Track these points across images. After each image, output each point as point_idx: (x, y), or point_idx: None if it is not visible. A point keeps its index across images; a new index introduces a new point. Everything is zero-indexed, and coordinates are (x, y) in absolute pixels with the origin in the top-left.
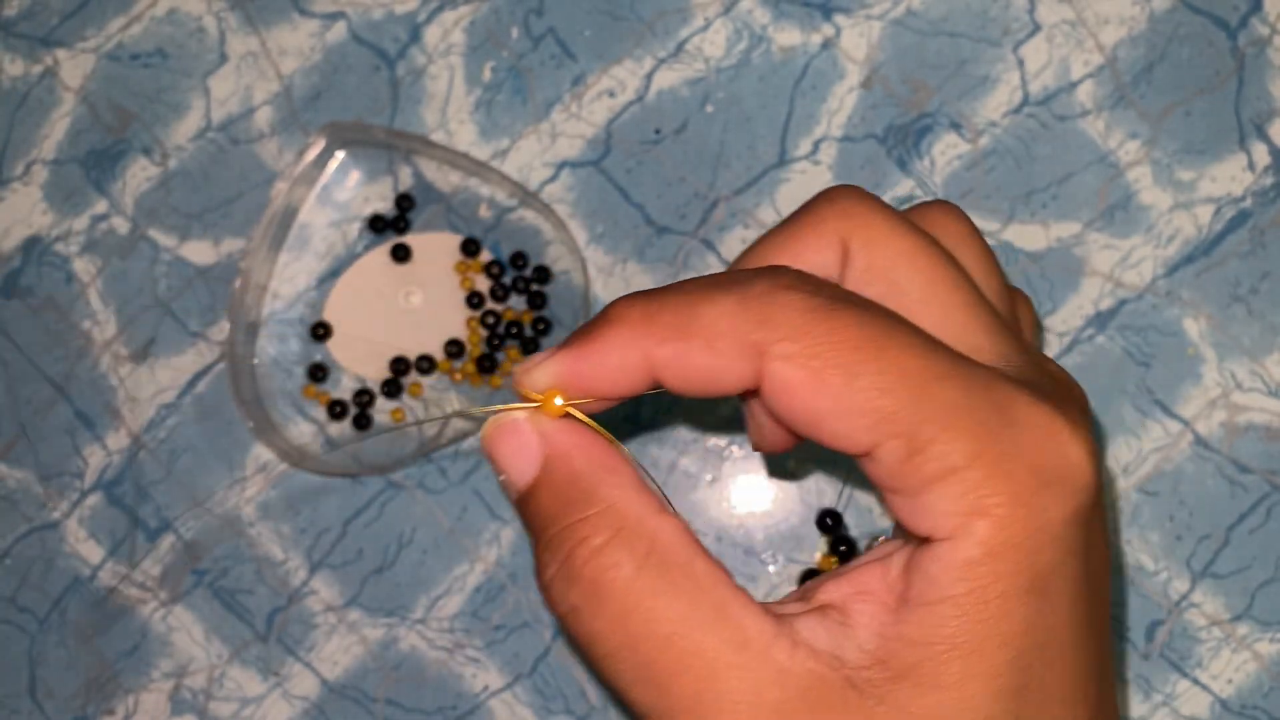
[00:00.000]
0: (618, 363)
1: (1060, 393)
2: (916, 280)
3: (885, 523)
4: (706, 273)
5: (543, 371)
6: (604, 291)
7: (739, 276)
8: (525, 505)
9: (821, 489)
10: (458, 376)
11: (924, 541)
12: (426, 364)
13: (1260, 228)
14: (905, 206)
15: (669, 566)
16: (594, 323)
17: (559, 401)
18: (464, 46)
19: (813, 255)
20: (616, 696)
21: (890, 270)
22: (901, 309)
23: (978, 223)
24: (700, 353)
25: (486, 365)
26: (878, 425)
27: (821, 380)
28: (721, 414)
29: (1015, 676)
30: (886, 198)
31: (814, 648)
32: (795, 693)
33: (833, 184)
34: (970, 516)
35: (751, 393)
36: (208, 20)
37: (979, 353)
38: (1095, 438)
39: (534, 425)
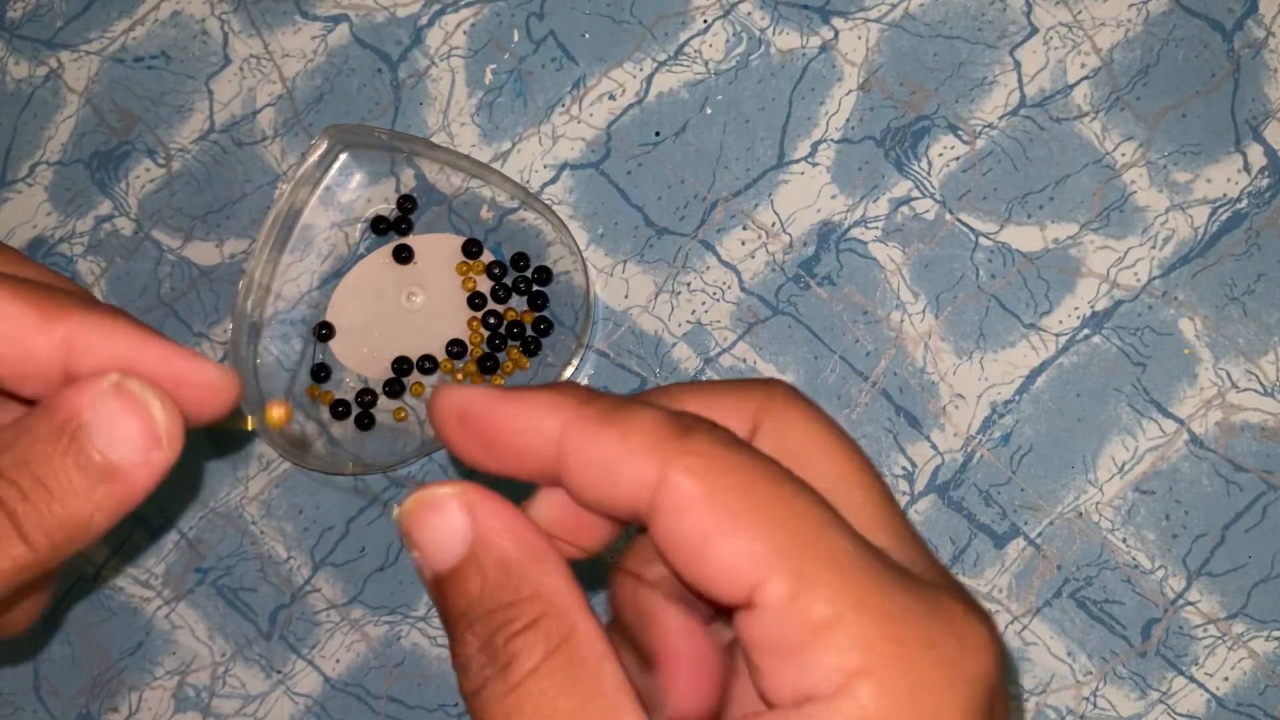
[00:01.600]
0: (529, 422)
1: (965, 597)
2: (826, 470)
3: None
4: (706, 272)
5: (471, 392)
6: (604, 292)
7: (681, 406)
8: (445, 586)
9: None
10: (459, 377)
11: (800, 703)
12: (428, 364)
13: (1255, 229)
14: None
15: (575, 662)
16: (536, 386)
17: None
18: (465, 49)
19: (725, 418)
20: None
21: (801, 454)
22: None
23: (975, 224)
24: (612, 440)
25: (488, 365)
26: (767, 558)
27: (720, 499)
28: None
29: None
30: (884, 199)
31: None
32: None
33: (830, 186)
34: (855, 675)
35: (631, 524)
36: (211, 23)
37: (885, 551)
38: (1087, 446)
39: (462, 504)
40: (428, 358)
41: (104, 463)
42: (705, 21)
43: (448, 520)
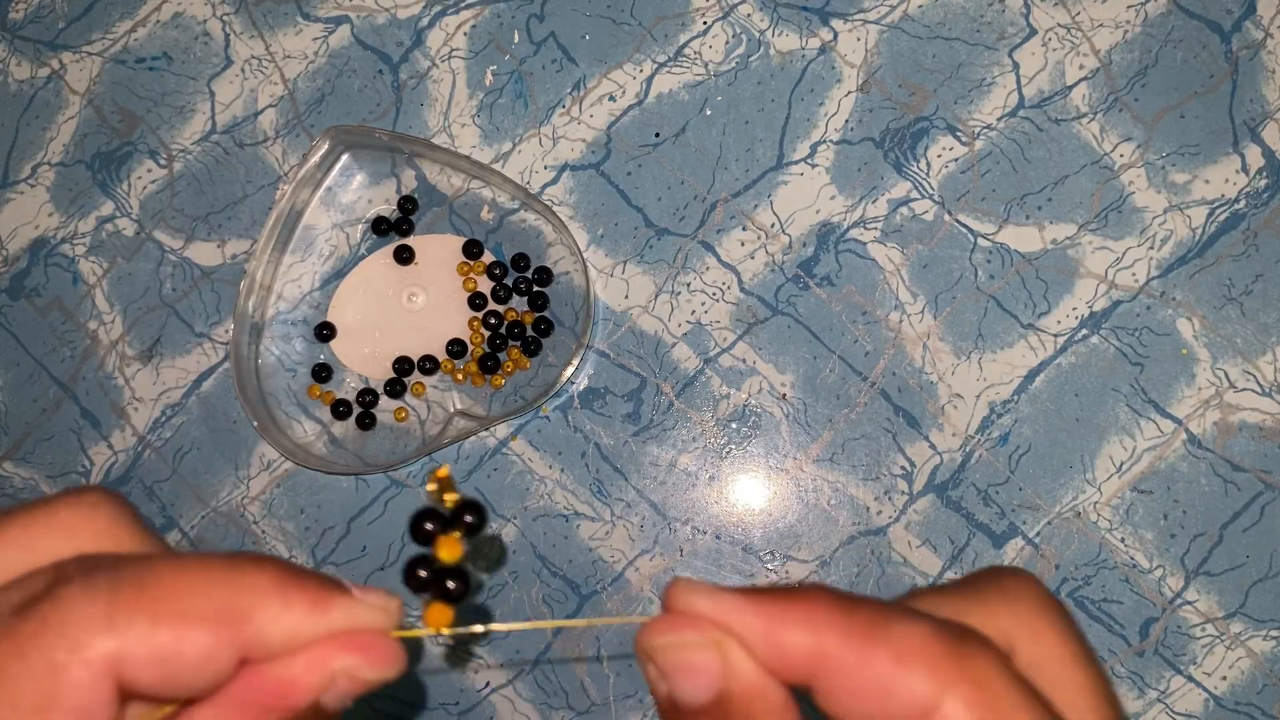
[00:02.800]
0: (794, 633)
1: None
2: (1072, 695)
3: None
4: (705, 272)
5: (720, 597)
6: (605, 293)
7: (938, 614)
8: (688, 716)
9: (819, 488)
10: (460, 377)
11: None
12: (429, 364)
13: (1253, 229)
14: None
15: None
16: (785, 591)
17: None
18: (466, 50)
19: (982, 626)
20: None
21: (1051, 673)
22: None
23: (974, 224)
24: (885, 662)
25: (488, 365)
26: None
27: None
28: (720, 414)
29: None
30: (883, 200)
31: None
32: None
33: (829, 187)
34: None
35: None
36: (212, 24)
37: None
38: (1085, 446)
39: (720, 653)
40: (428, 358)
41: None
42: (705, 23)
43: (699, 666)
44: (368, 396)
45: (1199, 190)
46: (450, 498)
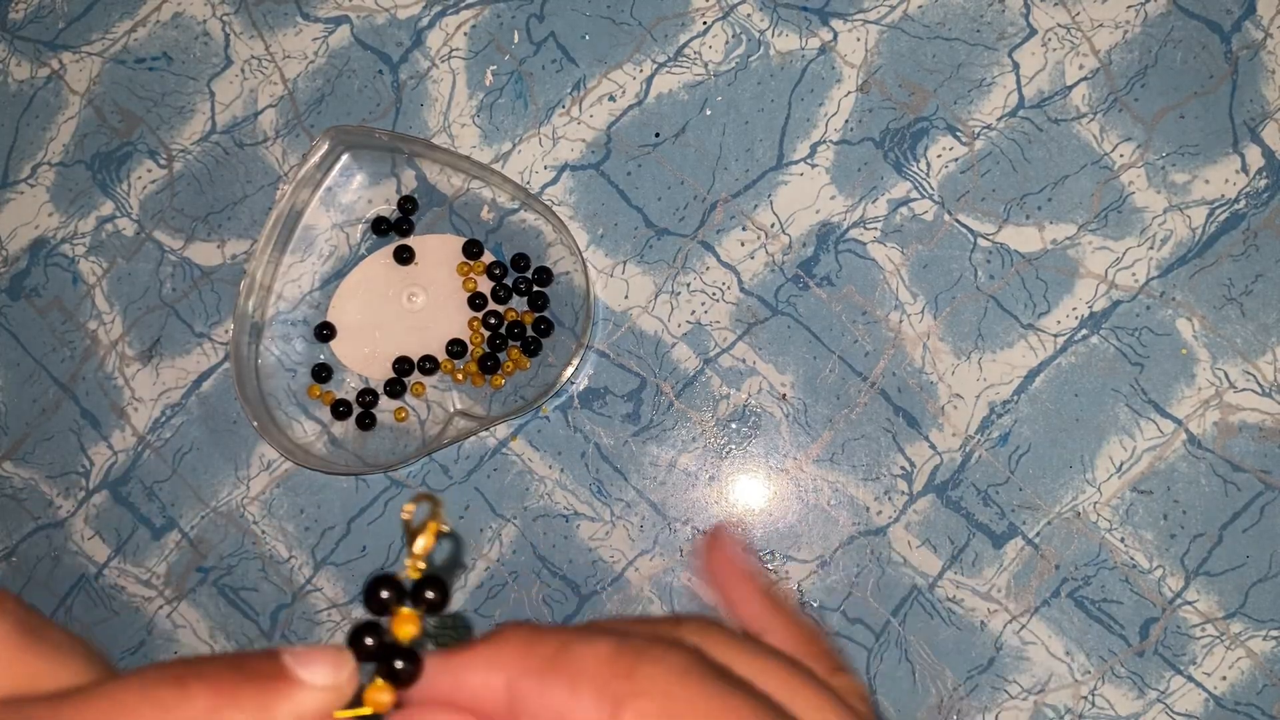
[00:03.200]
0: (481, 683)
1: None
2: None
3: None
4: (705, 272)
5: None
6: (604, 293)
7: (625, 629)
8: None
9: (819, 488)
10: (460, 377)
11: None
12: (429, 364)
13: (1253, 230)
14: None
15: None
16: (482, 638)
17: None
18: (466, 51)
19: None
20: None
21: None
22: None
23: (974, 225)
24: (560, 690)
25: (488, 365)
26: None
27: None
28: (720, 414)
29: None
30: (883, 200)
31: None
32: None
33: (829, 187)
34: None
35: None
36: (212, 24)
37: None
38: (1085, 446)
39: None
40: (428, 358)
41: None
42: (705, 23)
43: None
44: (368, 396)
45: (1199, 190)
46: (426, 539)
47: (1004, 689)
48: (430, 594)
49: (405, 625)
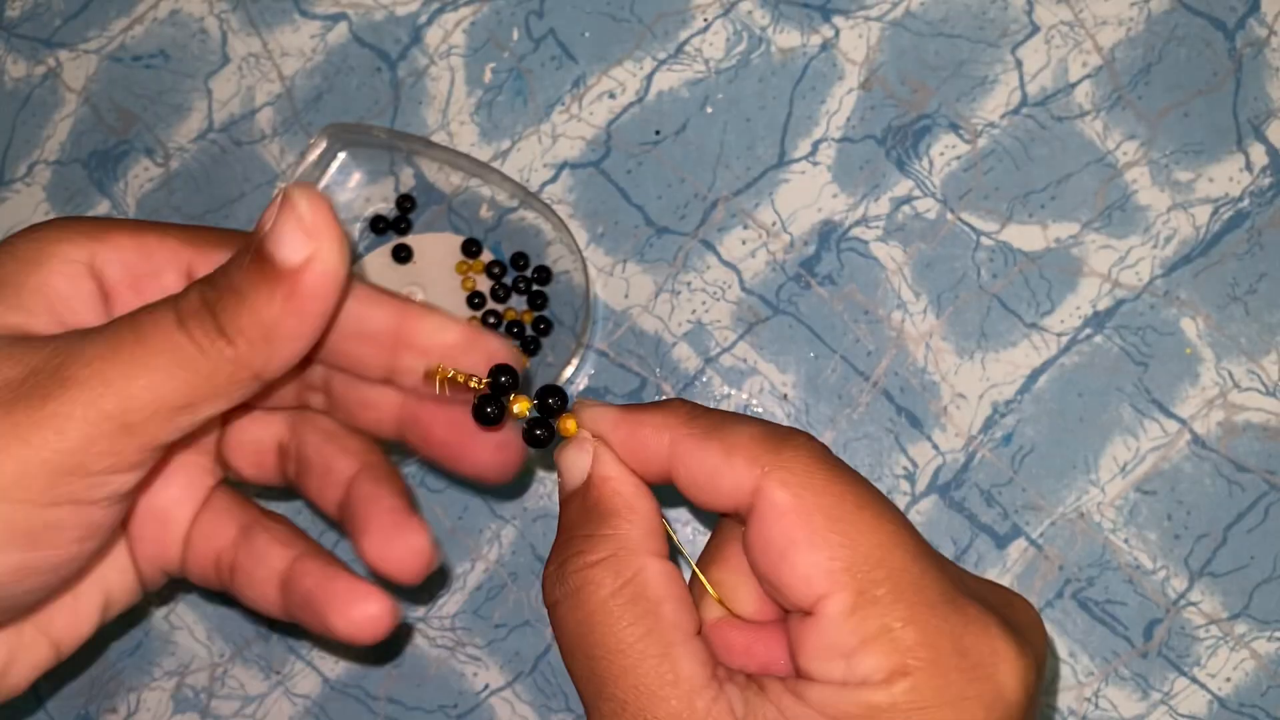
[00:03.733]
0: (651, 435)
1: (1017, 617)
2: None
3: None
4: (706, 271)
5: (600, 412)
6: (604, 292)
7: (769, 423)
8: (563, 506)
9: None
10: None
11: (839, 686)
12: None
13: (1258, 228)
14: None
15: (639, 599)
16: (651, 403)
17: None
18: (465, 48)
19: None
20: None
21: None
22: None
23: (977, 223)
24: (715, 454)
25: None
26: (836, 574)
27: (806, 513)
28: None
29: None
30: (885, 199)
31: (730, 706)
32: None
33: (831, 185)
34: (893, 674)
35: (735, 518)
36: (209, 22)
37: (945, 569)
38: (1089, 446)
39: (588, 445)
40: None
41: (277, 264)
42: (706, 20)
43: (573, 457)
44: None
45: (1203, 188)
46: (521, 405)
47: None
48: (505, 378)
49: (521, 403)
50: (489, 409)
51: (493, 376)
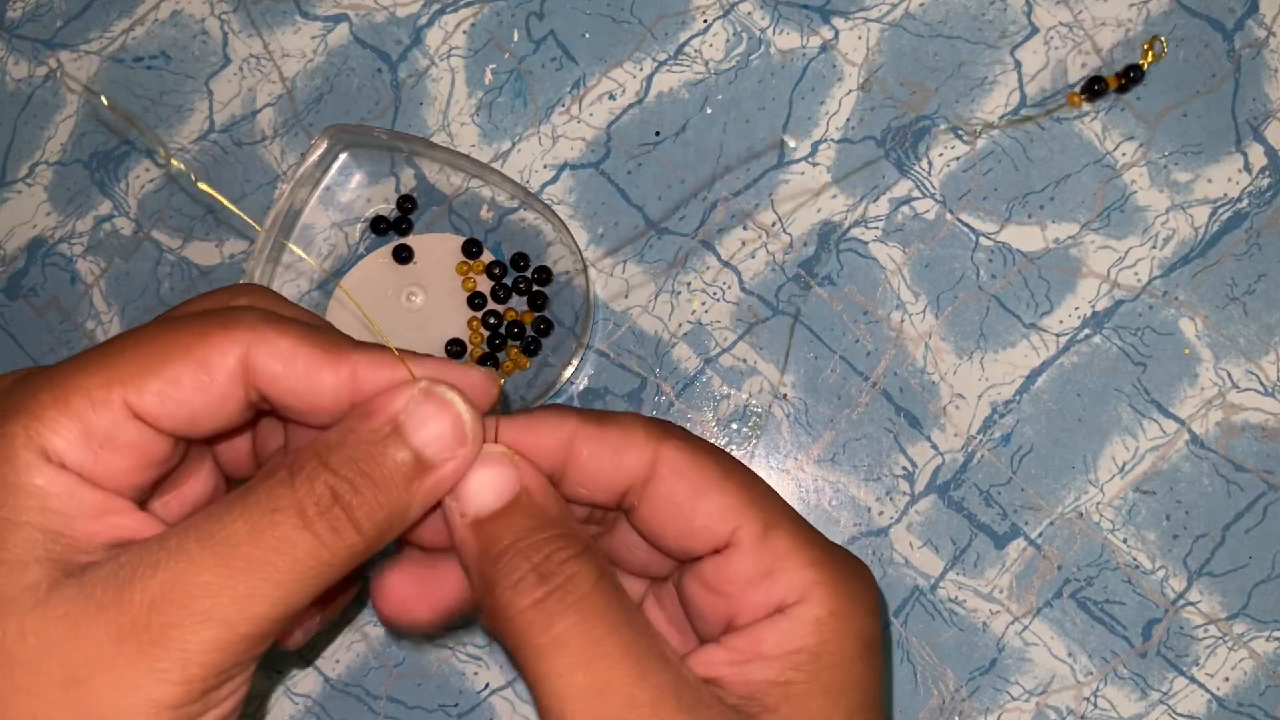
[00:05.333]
0: (548, 433)
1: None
2: None
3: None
4: (706, 272)
5: (500, 424)
6: (604, 292)
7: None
8: (488, 526)
9: (820, 488)
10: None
11: (771, 614)
12: None
13: (1256, 229)
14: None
15: (616, 586)
16: (528, 411)
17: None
18: (465, 49)
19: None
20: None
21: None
22: None
23: (975, 224)
24: (616, 435)
25: (489, 365)
26: (743, 508)
27: (704, 469)
28: (721, 413)
29: (862, 716)
30: (884, 199)
31: (704, 674)
32: (669, 709)
33: (830, 185)
34: (815, 583)
35: (618, 509)
36: (210, 23)
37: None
38: (1088, 446)
39: (510, 461)
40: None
41: (419, 457)
42: (705, 21)
43: (503, 470)
44: None
45: (1201, 189)
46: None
47: (1006, 690)
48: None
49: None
50: None
51: None
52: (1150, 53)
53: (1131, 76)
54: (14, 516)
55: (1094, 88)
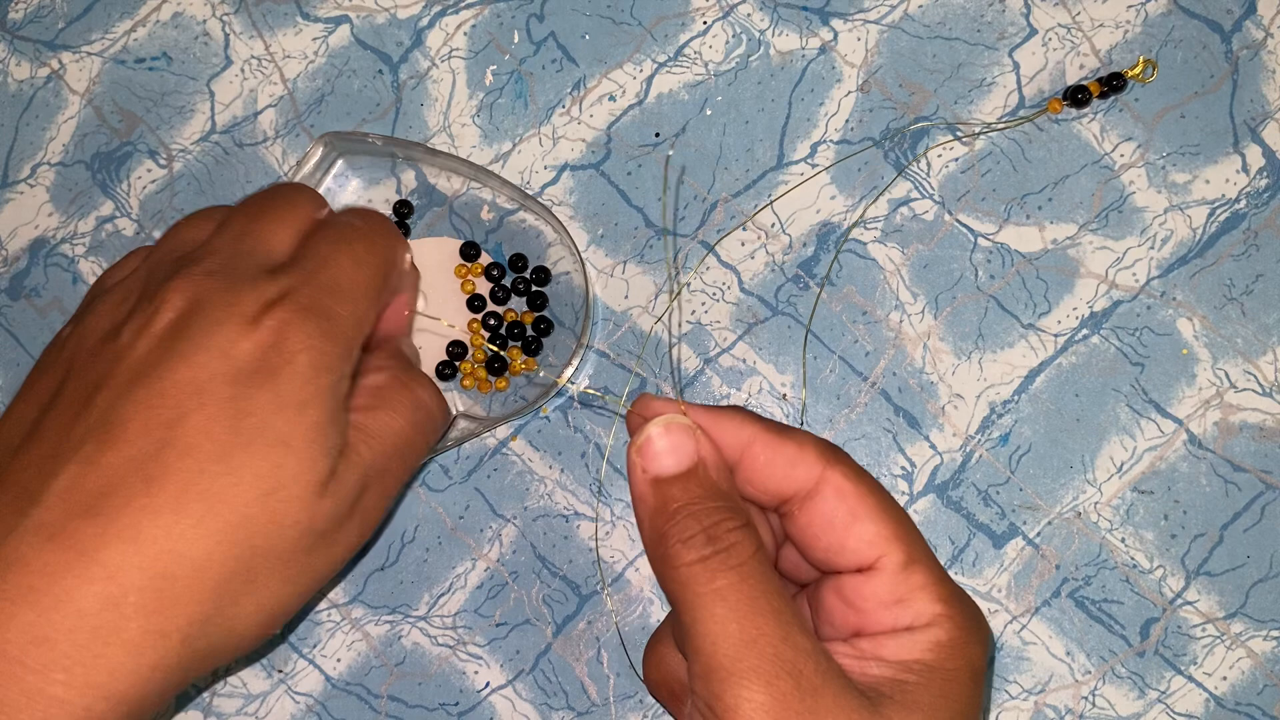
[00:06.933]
0: (732, 429)
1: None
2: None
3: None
4: (705, 272)
5: (687, 407)
6: (604, 293)
7: None
8: (667, 486)
9: None
10: (468, 381)
11: (899, 633)
12: (448, 370)
13: (1254, 230)
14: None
15: (768, 561)
16: (716, 406)
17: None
18: (466, 50)
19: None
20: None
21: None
22: None
23: (974, 224)
24: (792, 447)
25: (495, 368)
26: (891, 538)
27: (864, 495)
28: None
29: None
30: (883, 201)
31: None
32: (808, 670)
33: (829, 187)
34: (941, 615)
35: (787, 515)
36: (212, 24)
37: None
38: (1086, 446)
39: (692, 431)
40: (445, 364)
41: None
42: (705, 23)
43: (679, 440)
44: None
45: (1199, 190)
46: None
47: (1004, 689)
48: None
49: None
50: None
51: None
52: (1139, 74)
53: (1114, 84)
54: None
55: (1077, 96)
